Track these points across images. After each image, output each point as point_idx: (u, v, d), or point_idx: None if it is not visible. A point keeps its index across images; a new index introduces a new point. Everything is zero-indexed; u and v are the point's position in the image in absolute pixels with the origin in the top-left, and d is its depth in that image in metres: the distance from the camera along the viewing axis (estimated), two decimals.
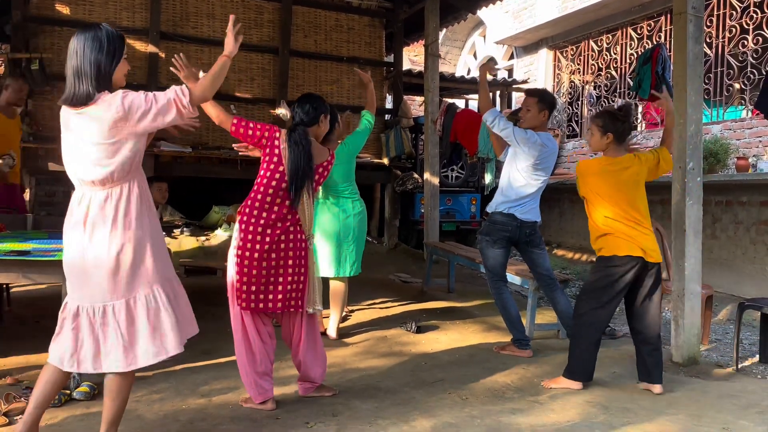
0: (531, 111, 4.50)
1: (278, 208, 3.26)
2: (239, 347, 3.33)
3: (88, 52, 2.56)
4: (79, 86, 2.53)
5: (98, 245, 2.53)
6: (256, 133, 3.31)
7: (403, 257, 8.43)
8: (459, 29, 14.37)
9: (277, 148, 3.30)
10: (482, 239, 4.63)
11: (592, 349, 3.79)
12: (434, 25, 8.06)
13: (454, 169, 10.11)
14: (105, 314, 2.56)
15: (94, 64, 2.55)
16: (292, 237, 3.30)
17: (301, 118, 3.43)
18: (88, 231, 2.54)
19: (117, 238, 2.54)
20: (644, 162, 3.83)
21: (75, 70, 2.55)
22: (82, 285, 2.57)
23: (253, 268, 3.22)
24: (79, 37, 2.60)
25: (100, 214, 2.54)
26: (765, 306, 4.55)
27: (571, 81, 11.77)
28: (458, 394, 3.66)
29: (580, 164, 3.92)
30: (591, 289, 3.85)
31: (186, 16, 8.19)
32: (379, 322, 5.30)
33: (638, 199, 3.77)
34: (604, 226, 3.76)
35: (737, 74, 8.34)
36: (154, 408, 3.30)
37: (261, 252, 3.22)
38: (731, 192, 7.41)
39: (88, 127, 2.52)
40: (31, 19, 7.29)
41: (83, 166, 2.55)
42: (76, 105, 2.53)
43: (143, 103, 2.53)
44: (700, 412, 3.41)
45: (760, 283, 6.93)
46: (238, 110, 8.39)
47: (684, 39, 4.39)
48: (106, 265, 2.53)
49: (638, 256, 3.67)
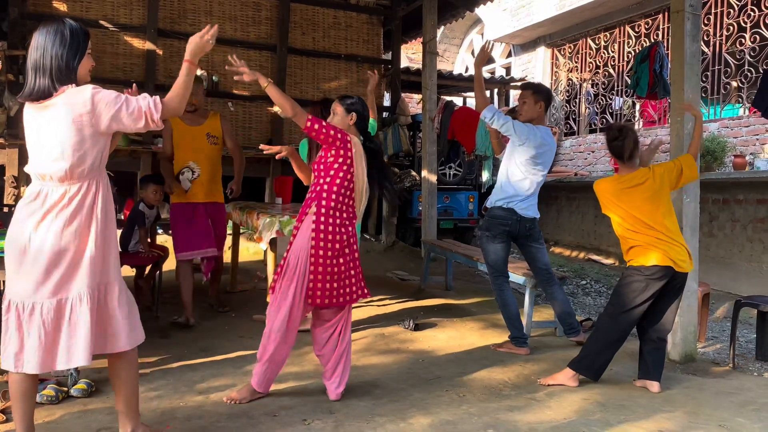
0: (527, 103, 4.53)
1: (347, 208, 3.44)
2: (276, 339, 3.35)
3: (50, 47, 2.50)
4: (37, 80, 2.48)
5: (42, 239, 2.45)
6: (330, 131, 3.38)
7: (400, 255, 8.43)
8: (457, 27, 14.38)
9: (350, 151, 3.41)
10: (482, 235, 4.63)
11: (606, 350, 3.78)
12: (432, 22, 8.05)
13: (452, 167, 10.11)
14: (32, 312, 2.47)
15: (56, 58, 2.49)
16: (352, 231, 3.49)
17: (366, 133, 3.63)
18: (38, 223, 2.46)
19: (66, 235, 2.47)
20: (661, 175, 3.77)
21: (34, 64, 2.50)
22: (16, 278, 2.49)
23: (335, 266, 3.38)
24: (41, 32, 2.53)
25: (54, 210, 2.47)
26: (761, 304, 4.56)
27: (568, 79, 11.77)
28: (456, 391, 3.66)
29: (596, 185, 3.90)
30: (617, 293, 3.84)
31: (183, 13, 8.19)
32: (377, 320, 5.30)
33: (660, 212, 3.71)
34: (630, 239, 3.76)
35: (734, 72, 8.36)
36: (151, 405, 3.29)
37: (341, 249, 3.39)
38: (728, 190, 7.43)
39: (49, 121, 2.48)
40: (28, 15, 7.29)
41: (41, 160, 2.49)
42: (36, 99, 2.49)
43: (112, 102, 2.48)
44: (696, 410, 3.42)
45: (756, 280, 6.95)
46: (236, 108, 8.40)
47: (681, 37, 4.39)
48: (44, 260, 2.45)
49: (667, 265, 3.65)
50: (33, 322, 2.46)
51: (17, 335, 2.46)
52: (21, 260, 2.47)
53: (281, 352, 3.38)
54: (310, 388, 3.65)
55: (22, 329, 2.46)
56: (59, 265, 2.47)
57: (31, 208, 2.50)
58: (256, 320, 5.06)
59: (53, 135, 2.47)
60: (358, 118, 3.55)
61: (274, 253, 4.89)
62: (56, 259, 2.46)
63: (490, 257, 4.58)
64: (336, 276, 3.38)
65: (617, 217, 3.80)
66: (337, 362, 3.48)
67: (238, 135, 7.45)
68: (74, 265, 2.49)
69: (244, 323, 5.03)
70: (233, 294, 6.07)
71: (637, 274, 3.71)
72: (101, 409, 3.17)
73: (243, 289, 6.25)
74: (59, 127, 2.46)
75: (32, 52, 2.52)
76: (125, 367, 2.65)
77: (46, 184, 2.51)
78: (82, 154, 2.49)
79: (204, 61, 8.26)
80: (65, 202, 2.49)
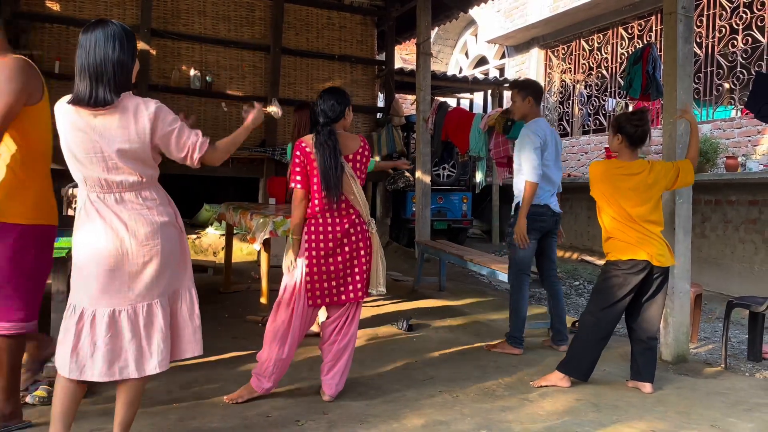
0: (516, 101, 4.62)
1: (336, 207, 3.38)
2: (276, 337, 3.36)
3: (111, 53, 2.39)
4: (96, 87, 2.37)
5: (133, 247, 2.44)
6: (302, 169, 3.37)
7: (394, 256, 8.43)
8: (451, 28, 14.39)
9: (312, 154, 3.36)
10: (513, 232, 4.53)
11: (593, 349, 3.78)
12: (426, 23, 8.07)
13: (446, 168, 10.13)
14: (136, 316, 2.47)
15: (118, 65, 2.40)
16: (359, 229, 3.45)
17: (327, 116, 3.44)
18: (118, 232, 2.43)
19: (150, 243, 2.47)
20: (658, 172, 3.77)
21: (94, 70, 2.38)
22: (107, 287, 2.43)
23: (330, 264, 3.37)
24: (97, 35, 2.40)
25: (128, 215, 2.45)
26: (753, 304, 4.58)
27: (562, 80, 11.80)
28: (449, 392, 3.67)
29: (591, 166, 3.90)
30: (596, 291, 3.87)
31: (177, 14, 8.17)
32: (371, 321, 5.30)
33: (647, 206, 3.71)
34: (610, 229, 3.77)
35: (727, 74, 8.40)
36: (144, 406, 3.28)
37: (335, 247, 3.37)
38: (720, 191, 7.46)
39: (105, 128, 2.40)
40: (21, 15, 7.26)
41: (102, 168, 2.41)
42: (94, 106, 2.39)
43: (169, 123, 2.47)
44: (688, 410, 3.43)
45: (748, 281, 6.98)
46: (229, 108, 8.38)
47: (674, 39, 4.41)
48: (137, 268, 2.45)
49: (643, 260, 3.66)
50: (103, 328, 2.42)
51: (83, 340, 2.42)
52: (112, 269, 2.42)
53: (280, 353, 3.37)
54: (304, 389, 3.64)
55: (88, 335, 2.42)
56: (146, 272, 2.46)
57: (96, 216, 2.44)
58: (250, 321, 5.05)
59: (116, 142, 2.40)
60: (321, 113, 3.46)
61: (267, 254, 4.88)
62: (145, 267, 2.46)
63: (519, 254, 4.51)
64: (333, 275, 3.39)
65: (603, 203, 3.79)
66: (333, 359, 3.47)
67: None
68: (163, 270, 2.49)
69: (238, 324, 5.02)
70: (227, 295, 6.06)
71: (615, 269, 3.73)
72: (94, 410, 3.15)
73: (237, 290, 6.23)
74: (123, 135, 2.40)
75: (87, 55, 2.39)
76: (138, 389, 2.55)
77: (103, 191, 2.44)
78: (141, 164, 2.46)
79: (197, 61, 8.25)
80: (141, 205, 2.46)
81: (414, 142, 9.19)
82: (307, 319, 3.44)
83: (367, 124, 9.36)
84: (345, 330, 3.52)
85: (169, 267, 2.53)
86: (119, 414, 2.53)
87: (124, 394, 2.52)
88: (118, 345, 2.44)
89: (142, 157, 2.45)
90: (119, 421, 2.53)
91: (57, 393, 2.48)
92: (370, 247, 3.51)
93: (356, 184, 3.44)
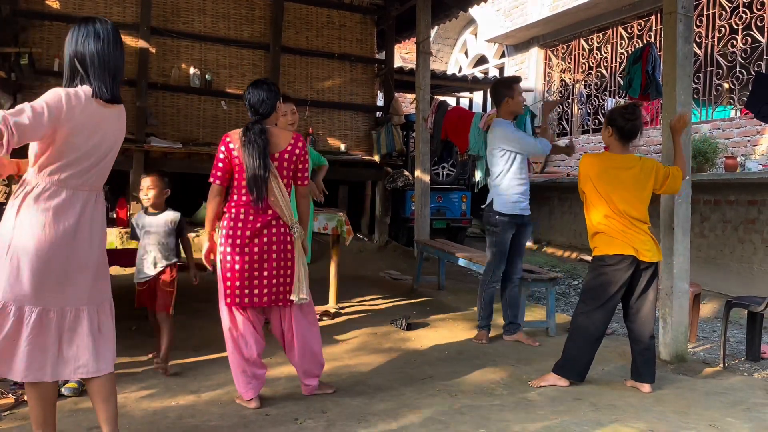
0: (499, 107, 4.82)
1: (254, 207, 3.23)
2: (228, 343, 3.33)
3: (112, 50, 2.41)
4: (114, 84, 2.40)
5: (89, 247, 2.43)
6: (224, 165, 3.26)
7: (393, 254, 8.43)
8: (450, 27, 14.38)
9: (235, 150, 3.24)
10: (494, 229, 4.73)
11: (586, 349, 3.78)
12: (426, 22, 8.06)
13: (445, 167, 10.11)
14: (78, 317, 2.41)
15: (121, 62, 2.46)
16: (275, 231, 3.26)
17: (258, 113, 3.31)
18: (85, 233, 2.42)
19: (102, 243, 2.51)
20: (649, 169, 3.76)
21: (112, 67, 2.39)
22: (61, 287, 2.36)
23: (236, 263, 3.22)
24: (108, 29, 2.41)
25: (93, 217, 2.44)
26: (752, 304, 4.59)
27: (561, 80, 11.80)
28: (447, 390, 3.67)
29: (583, 159, 3.89)
30: (586, 289, 3.87)
31: (177, 12, 8.15)
32: (370, 319, 5.30)
33: (636, 201, 3.71)
34: (597, 224, 3.76)
35: (726, 74, 8.40)
36: (142, 405, 3.29)
37: (242, 246, 3.21)
38: (719, 191, 7.46)
39: (108, 125, 2.43)
40: (20, 13, 7.24)
41: (98, 167, 2.43)
42: (111, 102, 2.41)
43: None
44: (687, 410, 3.43)
45: (747, 281, 6.98)
46: (228, 107, 8.37)
47: (674, 38, 4.41)
48: (91, 267, 2.45)
49: (629, 254, 3.66)
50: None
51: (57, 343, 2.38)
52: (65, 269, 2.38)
53: (241, 354, 3.30)
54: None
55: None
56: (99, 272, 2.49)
57: (72, 219, 2.38)
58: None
59: (105, 140, 2.43)
60: (250, 108, 3.36)
61: None
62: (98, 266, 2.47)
63: (499, 248, 4.73)
64: (239, 275, 3.21)
65: (594, 197, 3.77)
66: (298, 357, 3.41)
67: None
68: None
69: None
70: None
71: (602, 266, 3.73)
72: (92, 408, 3.15)
73: None
74: (117, 133, 2.47)
75: (100, 51, 2.37)
76: (111, 383, 2.55)
77: (85, 192, 2.41)
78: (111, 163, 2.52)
79: (197, 60, 8.24)
80: (99, 210, 2.49)
81: (413, 141, 9.18)
82: (251, 319, 3.31)
83: (366, 123, 9.34)
84: (293, 333, 3.38)
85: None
86: (101, 411, 2.53)
87: (97, 392, 2.52)
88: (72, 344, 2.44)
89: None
90: (104, 417, 2.52)
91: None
92: (290, 252, 3.30)
93: (279, 185, 3.25)
